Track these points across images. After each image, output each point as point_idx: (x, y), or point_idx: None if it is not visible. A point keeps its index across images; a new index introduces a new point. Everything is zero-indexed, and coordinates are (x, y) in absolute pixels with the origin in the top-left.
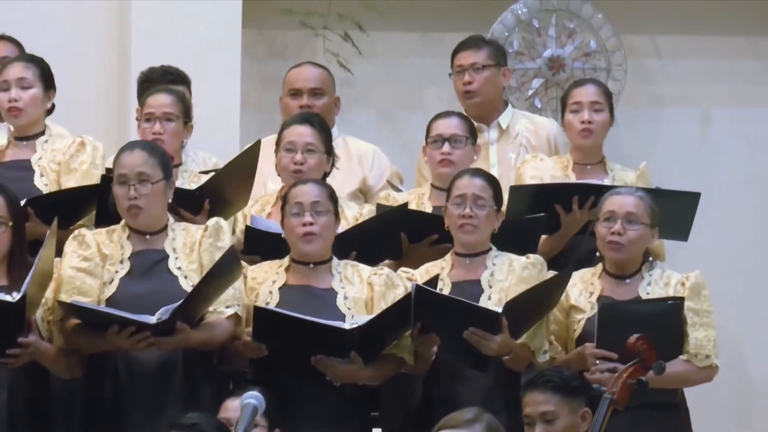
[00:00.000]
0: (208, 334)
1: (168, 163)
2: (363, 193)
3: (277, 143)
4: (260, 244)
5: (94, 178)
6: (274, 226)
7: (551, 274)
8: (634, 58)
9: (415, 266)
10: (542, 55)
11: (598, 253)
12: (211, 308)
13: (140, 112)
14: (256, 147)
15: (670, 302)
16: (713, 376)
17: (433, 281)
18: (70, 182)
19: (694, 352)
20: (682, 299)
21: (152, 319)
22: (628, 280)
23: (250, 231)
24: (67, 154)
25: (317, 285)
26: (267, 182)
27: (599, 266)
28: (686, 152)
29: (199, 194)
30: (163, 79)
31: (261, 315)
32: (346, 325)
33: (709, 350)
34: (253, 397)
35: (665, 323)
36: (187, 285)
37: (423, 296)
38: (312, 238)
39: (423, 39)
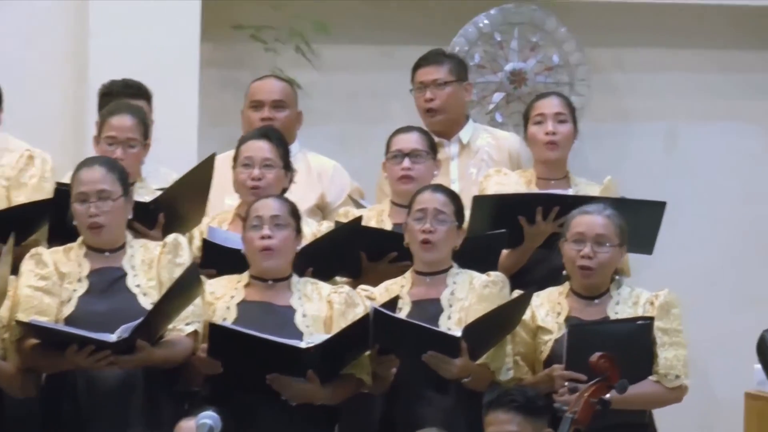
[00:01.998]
0: (169, 352)
1: (126, 179)
2: (321, 210)
3: (235, 158)
4: (218, 259)
5: (45, 192)
6: (232, 237)
7: (514, 291)
8: (599, 72)
9: (375, 284)
10: (504, 69)
11: (564, 272)
12: (171, 326)
13: (99, 127)
14: (210, 161)
15: (639, 322)
16: (683, 396)
17: (393, 302)
18: (20, 197)
19: (663, 372)
20: (651, 319)
21: (112, 338)
22: (596, 300)
23: (207, 244)
24: (15, 169)
25: (276, 302)
26: (224, 198)
27: (566, 285)
28: (652, 167)
29: (154, 207)
30: (124, 92)
31: (216, 332)
32: (303, 344)
33: (678, 370)
34: (208, 417)
35: (635, 343)
36: (146, 302)
37: (381, 319)
38: (270, 253)
39: (383, 52)
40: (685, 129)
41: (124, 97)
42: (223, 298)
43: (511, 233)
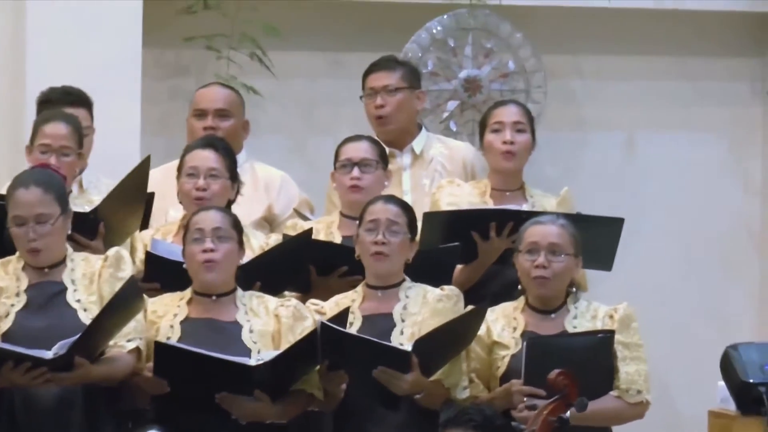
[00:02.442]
0: (109, 369)
1: (64, 193)
2: (269, 222)
3: (179, 168)
4: (161, 272)
5: None
6: (176, 250)
7: (468, 306)
8: (556, 79)
9: (325, 299)
10: (458, 76)
11: (519, 287)
12: (112, 342)
13: (33, 135)
14: (145, 164)
15: (599, 336)
16: (644, 412)
17: (343, 315)
18: None
19: (625, 387)
20: (612, 332)
21: (48, 354)
22: (553, 314)
23: (150, 257)
24: None
25: (221, 318)
26: (168, 209)
27: (521, 300)
28: (610, 177)
29: (94, 217)
30: (63, 100)
31: (162, 350)
32: (252, 361)
33: (640, 385)
34: None
35: (595, 358)
36: (87, 318)
37: (329, 334)
38: (212, 266)
39: (332, 59)
40: (644, 138)
41: (63, 104)
42: (165, 316)
43: (465, 248)
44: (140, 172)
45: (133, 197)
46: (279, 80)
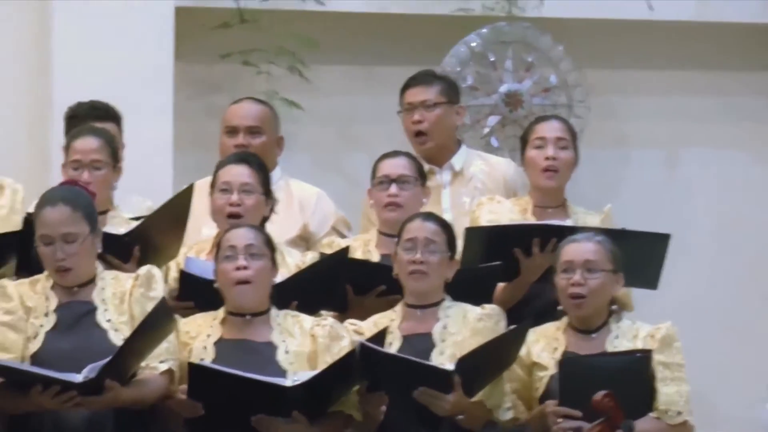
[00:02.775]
0: (140, 392)
1: (93, 211)
2: (304, 240)
3: (212, 184)
4: (196, 290)
5: (14, 225)
6: (211, 267)
7: (511, 326)
8: (597, 94)
9: (362, 319)
10: (498, 91)
11: (560, 307)
12: (143, 364)
13: (65, 152)
14: (188, 191)
15: (637, 355)
16: None
17: (380, 336)
18: None
19: (664, 408)
20: (649, 352)
21: (78, 378)
22: (594, 334)
23: (184, 276)
24: None
25: (255, 338)
26: (202, 227)
27: (564, 320)
28: (653, 195)
29: (128, 240)
30: (90, 115)
31: (196, 372)
32: (288, 382)
33: (681, 406)
34: None
35: (632, 377)
36: (118, 339)
37: (368, 354)
38: (246, 285)
39: (369, 74)
40: (688, 155)
41: (91, 119)
42: (198, 337)
43: (506, 266)
44: (182, 199)
45: (173, 223)
46: (316, 95)
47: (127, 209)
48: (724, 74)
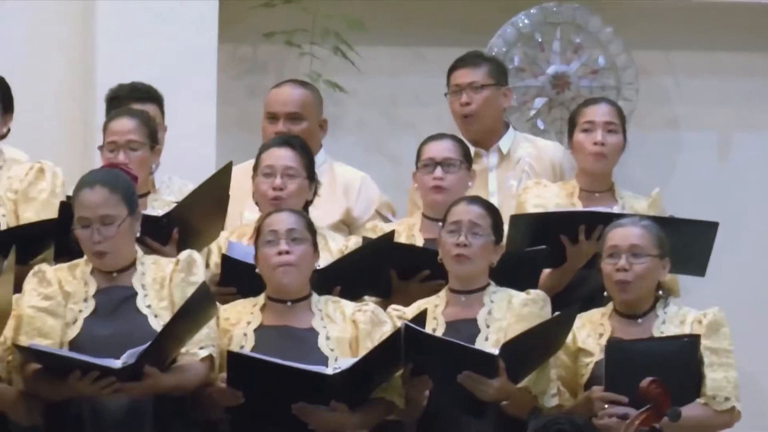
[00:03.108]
0: (180, 379)
1: (132, 194)
2: (347, 225)
3: (255, 168)
4: (238, 275)
5: (54, 208)
6: (252, 252)
7: (555, 313)
8: (646, 76)
9: (407, 304)
10: (545, 72)
11: (605, 292)
12: (184, 349)
13: (103, 135)
14: (226, 170)
15: (684, 340)
16: (734, 421)
17: (421, 317)
18: (28, 212)
19: (711, 394)
20: (697, 337)
21: (117, 363)
22: (640, 320)
23: (226, 260)
24: (25, 182)
25: (296, 325)
26: (244, 211)
27: (609, 306)
28: (704, 180)
29: (167, 221)
30: (130, 96)
31: (235, 360)
32: (329, 370)
33: (728, 392)
34: None
35: (679, 363)
36: (158, 324)
37: (413, 336)
38: (288, 269)
39: (415, 55)
40: (740, 139)
41: (132, 101)
42: (239, 324)
43: (553, 252)
44: (221, 178)
45: (212, 204)
46: (361, 77)
47: (168, 192)
48: None
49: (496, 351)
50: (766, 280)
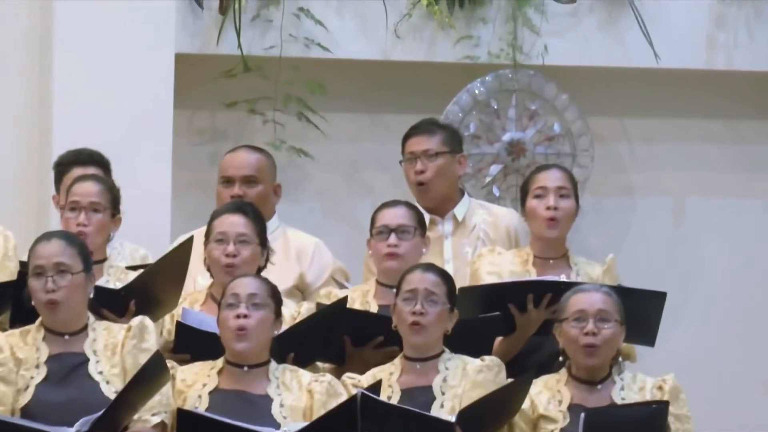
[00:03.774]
0: None
1: (88, 255)
2: (301, 291)
3: (207, 234)
4: (192, 343)
5: (7, 272)
6: (207, 319)
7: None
8: (602, 142)
9: (361, 372)
10: (501, 139)
11: (560, 357)
12: (136, 416)
13: (57, 200)
14: (188, 243)
15: (654, 406)
16: None
17: (376, 387)
18: None
19: None
20: (666, 403)
21: (70, 431)
22: (599, 386)
23: (181, 327)
24: None
25: (251, 390)
26: (197, 277)
27: (563, 372)
28: (659, 245)
29: (125, 294)
30: (74, 161)
31: (185, 418)
32: None
33: None
34: None
35: (650, 429)
36: (110, 391)
37: (369, 404)
38: (245, 334)
39: (375, 121)
40: (694, 204)
41: (75, 165)
42: (194, 386)
43: (504, 320)
44: (182, 252)
45: (171, 277)
46: (322, 142)
47: (120, 257)
48: (732, 123)
49: (452, 418)
50: (718, 344)
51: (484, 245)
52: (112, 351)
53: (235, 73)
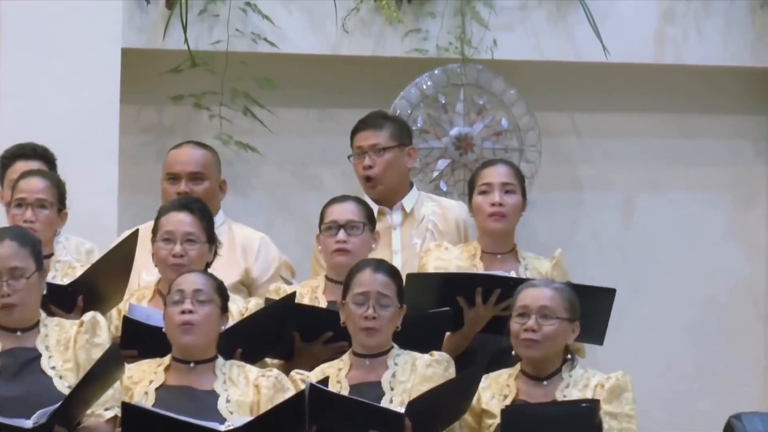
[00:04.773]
0: None
1: (40, 252)
2: (246, 286)
3: (154, 231)
4: (139, 338)
5: None
6: (154, 314)
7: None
8: (550, 137)
9: (310, 368)
10: (449, 134)
11: (513, 352)
12: (89, 411)
13: (1, 194)
14: (133, 237)
15: (583, 405)
16: None
17: (324, 383)
18: None
19: None
20: (597, 402)
21: (28, 423)
22: (545, 382)
23: (127, 322)
24: None
25: (198, 386)
26: (141, 273)
27: (518, 366)
28: (608, 240)
29: (72, 290)
30: (17, 154)
31: (129, 412)
32: (222, 427)
33: None
34: None
35: (578, 428)
36: (63, 386)
37: (318, 396)
38: (189, 329)
39: (324, 116)
40: (643, 199)
41: (19, 159)
42: (141, 382)
43: (455, 314)
44: (127, 246)
45: (117, 271)
46: (270, 137)
47: (65, 251)
48: (680, 117)
49: (402, 409)
50: (667, 339)
51: (433, 237)
52: (65, 346)
53: (182, 68)
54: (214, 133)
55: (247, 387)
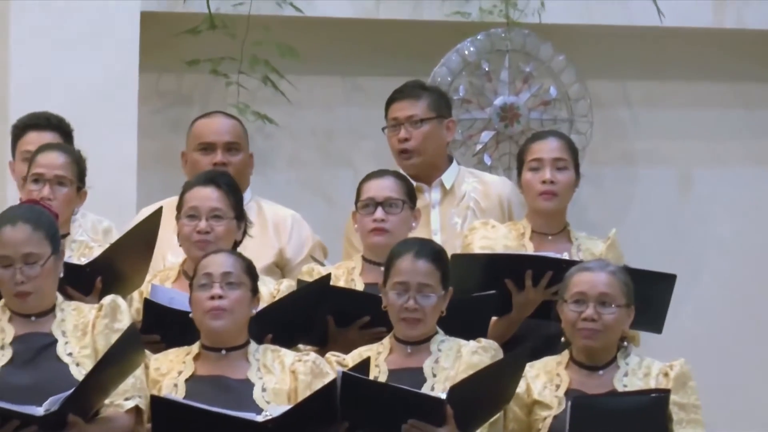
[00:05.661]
0: (106, 430)
1: (56, 232)
2: (280, 267)
3: (178, 208)
4: (162, 322)
5: None
6: (178, 297)
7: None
8: (601, 107)
9: (344, 353)
10: (493, 104)
11: (563, 339)
12: (108, 400)
13: (13, 166)
14: (156, 215)
15: (653, 395)
16: None
17: (364, 366)
18: None
19: None
20: (667, 392)
21: (39, 411)
22: (600, 371)
23: (149, 305)
24: None
25: (231, 375)
26: (166, 254)
27: (565, 354)
28: (663, 218)
29: (90, 270)
30: (29, 124)
31: (160, 406)
32: (260, 418)
33: None
34: None
35: (648, 420)
36: (79, 373)
37: (351, 385)
38: (219, 314)
39: (352, 85)
40: (700, 173)
41: (31, 129)
42: (169, 374)
43: (500, 298)
44: (150, 225)
45: (139, 251)
46: (292, 108)
47: (81, 230)
48: (741, 85)
49: (443, 395)
50: (727, 325)
51: (474, 216)
52: (83, 331)
53: (200, 30)
54: (232, 102)
55: (283, 374)
